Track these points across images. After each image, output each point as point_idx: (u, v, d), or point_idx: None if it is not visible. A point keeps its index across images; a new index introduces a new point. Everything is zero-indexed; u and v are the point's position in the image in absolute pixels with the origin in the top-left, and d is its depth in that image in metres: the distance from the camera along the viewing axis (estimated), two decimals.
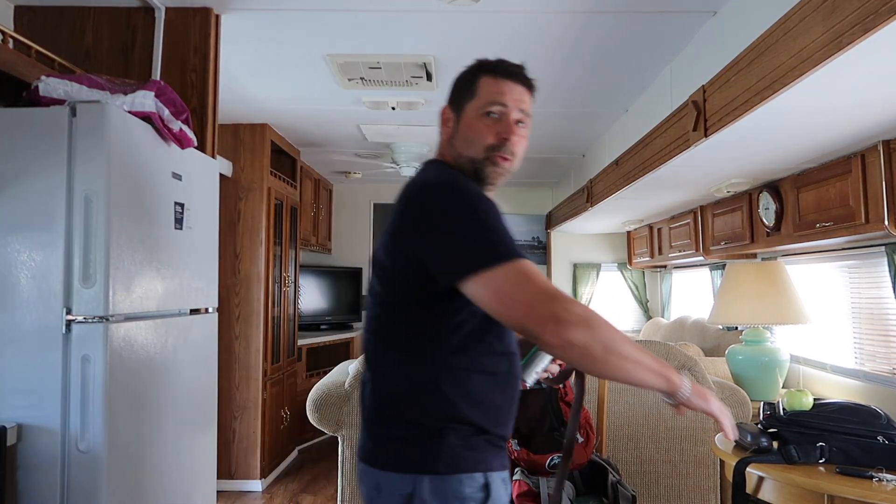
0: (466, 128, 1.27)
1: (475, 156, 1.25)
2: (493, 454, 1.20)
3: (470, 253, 1.08)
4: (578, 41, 2.77)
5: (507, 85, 1.28)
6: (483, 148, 1.25)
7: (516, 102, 1.28)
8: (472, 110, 1.28)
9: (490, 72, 1.30)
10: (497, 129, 1.25)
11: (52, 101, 1.88)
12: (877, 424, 1.95)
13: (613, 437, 2.75)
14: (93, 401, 1.79)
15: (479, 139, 1.25)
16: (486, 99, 1.26)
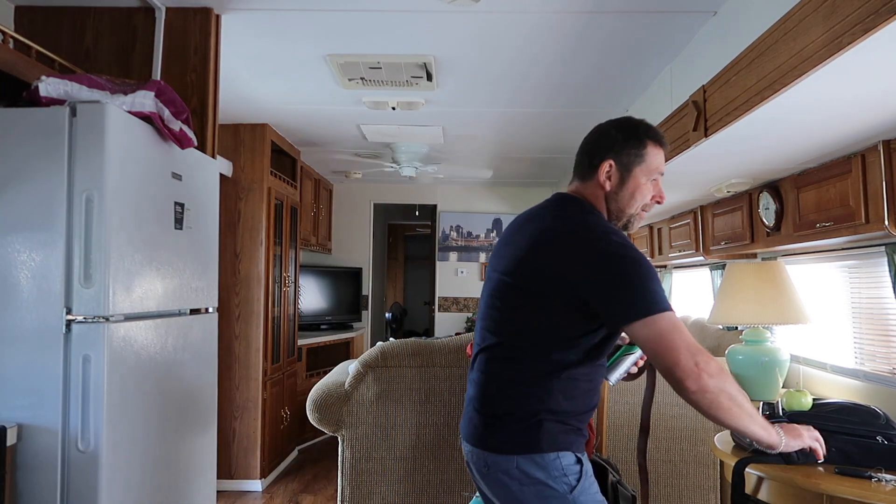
0: (635, 188, 1.53)
1: (633, 211, 1.55)
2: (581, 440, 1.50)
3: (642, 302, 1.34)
4: (578, 41, 2.77)
5: (663, 155, 1.57)
6: (641, 205, 1.55)
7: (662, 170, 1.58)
8: (640, 174, 1.54)
9: (656, 142, 1.56)
10: (654, 192, 1.56)
11: (52, 101, 1.88)
12: (876, 424, 1.95)
13: (613, 437, 2.75)
14: (93, 401, 1.79)
15: (643, 199, 1.54)
16: (654, 167, 1.54)
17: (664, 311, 1.33)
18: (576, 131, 4.27)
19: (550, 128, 4.20)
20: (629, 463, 2.75)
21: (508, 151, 4.91)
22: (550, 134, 4.36)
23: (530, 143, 4.64)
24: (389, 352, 2.57)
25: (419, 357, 2.58)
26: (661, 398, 2.77)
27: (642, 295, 1.34)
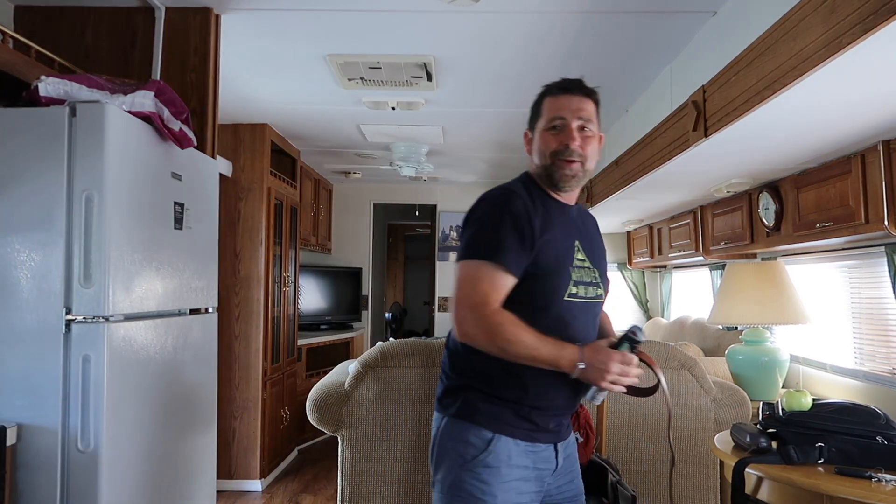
0: (536, 143, 1.53)
1: (544, 163, 1.51)
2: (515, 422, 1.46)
3: (464, 247, 1.45)
4: (578, 41, 2.77)
5: (564, 99, 1.50)
6: (549, 154, 1.49)
7: (574, 112, 1.49)
8: (539, 129, 1.53)
9: (550, 93, 1.53)
10: (560, 138, 1.49)
11: (52, 101, 1.88)
12: (876, 424, 1.95)
13: (613, 437, 2.75)
14: (93, 401, 1.79)
15: (546, 148, 1.50)
16: (550, 115, 1.50)
17: (474, 259, 1.41)
18: None
19: None
20: (629, 463, 2.75)
21: (508, 151, 4.91)
22: None
23: None
24: (389, 352, 2.57)
25: (419, 357, 2.58)
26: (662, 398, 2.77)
27: (468, 240, 1.45)
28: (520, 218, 1.43)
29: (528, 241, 1.43)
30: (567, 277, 1.46)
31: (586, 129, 1.50)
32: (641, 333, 1.43)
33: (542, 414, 1.49)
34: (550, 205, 1.52)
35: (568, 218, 1.55)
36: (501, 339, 1.39)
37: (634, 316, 6.38)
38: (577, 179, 1.50)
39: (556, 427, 1.54)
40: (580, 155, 1.48)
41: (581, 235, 1.55)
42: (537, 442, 1.49)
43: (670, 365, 2.80)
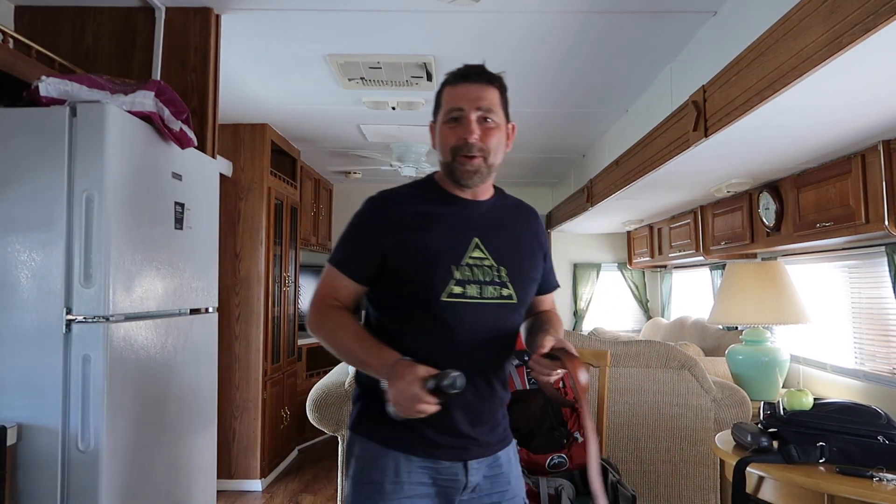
0: (438, 137, 1.42)
1: (445, 160, 1.39)
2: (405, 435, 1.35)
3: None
4: (578, 41, 2.77)
5: (463, 88, 1.39)
6: (449, 151, 1.38)
7: (473, 102, 1.37)
8: (439, 121, 1.42)
9: (448, 82, 1.42)
10: (458, 132, 1.37)
11: (52, 101, 1.88)
12: (877, 424, 1.95)
13: (613, 437, 2.75)
14: (93, 401, 1.79)
15: (445, 144, 1.39)
16: (446, 108, 1.39)
17: (328, 264, 1.46)
18: (576, 131, 4.27)
19: (550, 128, 4.20)
20: (629, 463, 2.75)
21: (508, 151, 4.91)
22: (550, 134, 4.36)
23: (530, 143, 4.64)
24: None
25: None
26: (662, 398, 2.77)
27: (336, 245, 1.47)
28: (370, 221, 1.40)
29: (374, 240, 1.37)
30: (446, 276, 1.33)
31: (488, 119, 1.38)
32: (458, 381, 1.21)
33: (435, 427, 1.33)
34: (439, 200, 1.42)
35: (467, 214, 1.41)
36: (323, 334, 1.40)
37: (635, 316, 6.38)
38: (479, 175, 1.38)
39: (460, 444, 1.37)
40: (481, 149, 1.36)
41: (486, 231, 1.40)
42: (436, 459, 1.35)
43: (670, 365, 2.80)
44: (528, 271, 1.44)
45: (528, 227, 1.50)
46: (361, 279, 1.42)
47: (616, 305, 6.40)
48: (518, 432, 2.08)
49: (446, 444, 1.36)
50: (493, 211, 1.46)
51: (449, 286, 1.34)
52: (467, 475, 1.37)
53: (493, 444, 1.42)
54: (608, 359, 2.41)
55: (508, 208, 1.50)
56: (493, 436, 1.42)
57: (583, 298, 6.29)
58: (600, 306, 6.38)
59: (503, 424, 1.47)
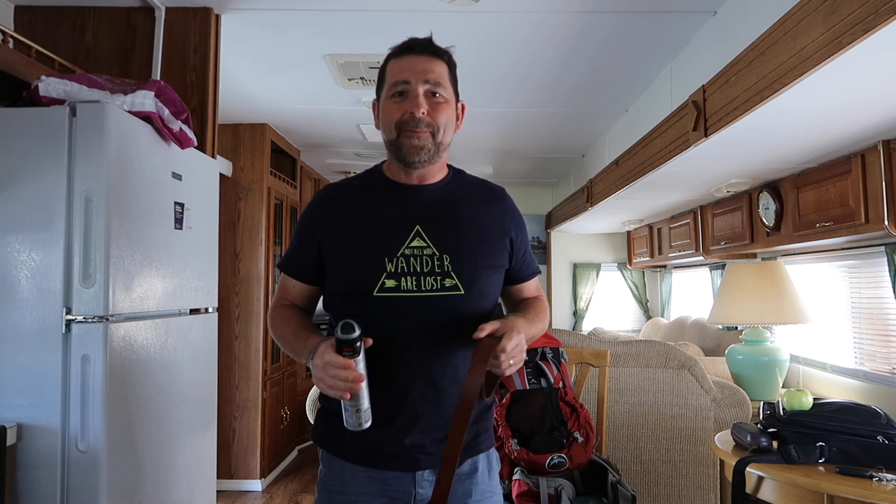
0: (381, 114, 1.30)
1: (390, 137, 1.28)
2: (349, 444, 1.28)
3: None
4: (578, 41, 2.77)
5: (408, 60, 1.27)
6: (393, 126, 1.26)
7: (420, 74, 1.25)
8: (383, 97, 1.30)
9: (393, 55, 1.30)
10: (404, 106, 1.25)
11: (52, 101, 1.88)
12: (877, 424, 1.95)
13: (613, 437, 2.75)
14: (93, 401, 1.79)
15: (389, 119, 1.26)
16: (390, 81, 1.27)
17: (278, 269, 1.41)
18: (576, 131, 4.27)
19: (550, 128, 4.20)
20: (629, 463, 2.75)
21: (508, 151, 4.91)
22: (550, 134, 4.36)
23: (530, 143, 4.64)
24: None
25: None
26: (662, 398, 2.77)
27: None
28: (309, 217, 1.35)
29: (309, 240, 1.32)
30: (378, 269, 1.23)
31: (436, 94, 1.25)
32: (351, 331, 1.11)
33: (379, 435, 1.24)
34: (379, 189, 1.32)
35: (410, 200, 1.30)
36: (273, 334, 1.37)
37: (635, 316, 6.38)
38: (427, 152, 1.25)
39: (405, 453, 1.26)
40: (428, 124, 1.24)
41: (431, 217, 1.28)
42: (381, 468, 1.27)
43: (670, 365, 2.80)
44: (481, 258, 1.29)
45: (487, 210, 1.34)
46: (306, 278, 1.37)
47: (616, 305, 6.40)
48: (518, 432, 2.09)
49: (389, 453, 1.26)
50: (443, 194, 1.32)
51: (381, 280, 1.23)
52: (415, 487, 1.27)
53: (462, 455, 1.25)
54: (608, 359, 2.41)
55: (464, 190, 1.35)
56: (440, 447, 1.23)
57: (583, 298, 6.29)
58: (600, 306, 6.38)
59: (471, 430, 1.28)
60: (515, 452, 2.06)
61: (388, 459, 1.27)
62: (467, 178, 1.39)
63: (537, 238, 6.49)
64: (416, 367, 1.24)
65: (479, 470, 1.33)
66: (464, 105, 1.37)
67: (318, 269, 1.34)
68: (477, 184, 1.39)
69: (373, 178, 1.36)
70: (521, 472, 2.09)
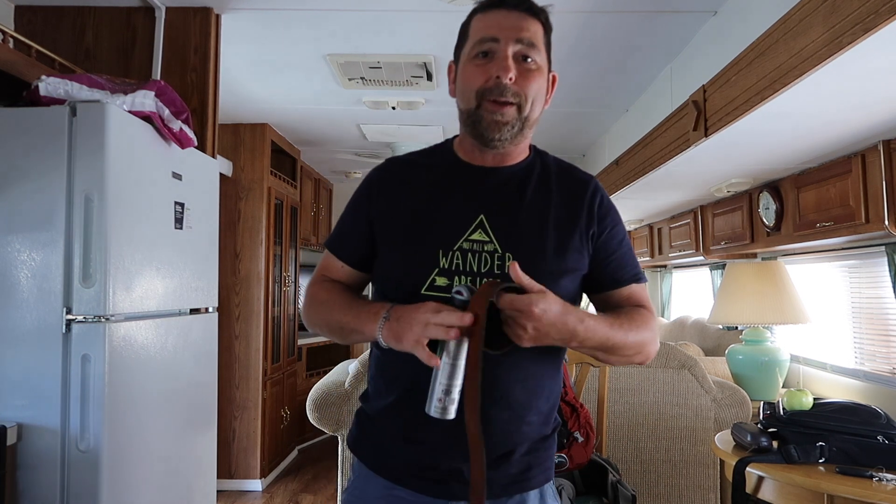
0: (459, 77, 1.12)
1: (468, 107, 1.08)
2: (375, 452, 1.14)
3: None
4: (578, 41, 2.77)
5: (499, 15, 1.07)
6: (473, 94, 1.06)
7: (511, 32, 1.05)
8: (464, 56, 1.11)
9: (479, 9, 1.11)
10: (489, 70, 1.05)
11: (52, 101, 1.88)
12: (877, 424, 1.95)
13: (613, 437, 2.75)
14: (93, 400, 1.79)
15: (469, 85, 1.07)
16: (475, 38, 1.08)
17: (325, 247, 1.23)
18: (576, 131, 4.27)
19: (550, 127, 4.20)
20: (629, 463, 2.75)
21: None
22: (550, 133, 4.36)
23: None
24: None
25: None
26: (662, 398, 2.77)
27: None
28: (363, 193, 1.17)
29: (361, 219, 1.15)
30: (429, 263, 1.05)
31: (529, 58, 1.06)
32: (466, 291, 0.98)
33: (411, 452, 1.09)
34: (446, 170, 1.14)
35: (479, 183, 1.11)
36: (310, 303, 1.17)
37: None
38: (510, 129, 1.06)
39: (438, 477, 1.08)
40: (516, 93, 1.05)
41: (499, 206, 1.09)
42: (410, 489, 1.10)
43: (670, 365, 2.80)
44: (550, 260, 1.08)
45: (569, 201, 1.13)
46: (353, 261, 1.17)
47: None
48: None
49: (420, 475, 1.09)
50: (517, 179, 1.13)
51: (431, 276, 1.05)
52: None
53: (497, 485, 1.07)
54: None
55: (545, 176, 1.14)
56: (494, 474, 1.06)
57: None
58: None
59: (522, 462, 1.10)
60: None
61: (418, 480, 1.09)
62: (550, 161, 1.18)
63: None
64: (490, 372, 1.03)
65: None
66: (556, 76, 1.16)
67: (369, 253, 1.15)
68: (563, 168, 1.18)
69: (442, 155, 1.17)
70: None
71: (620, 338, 1.05)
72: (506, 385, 1.06)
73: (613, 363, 1.11)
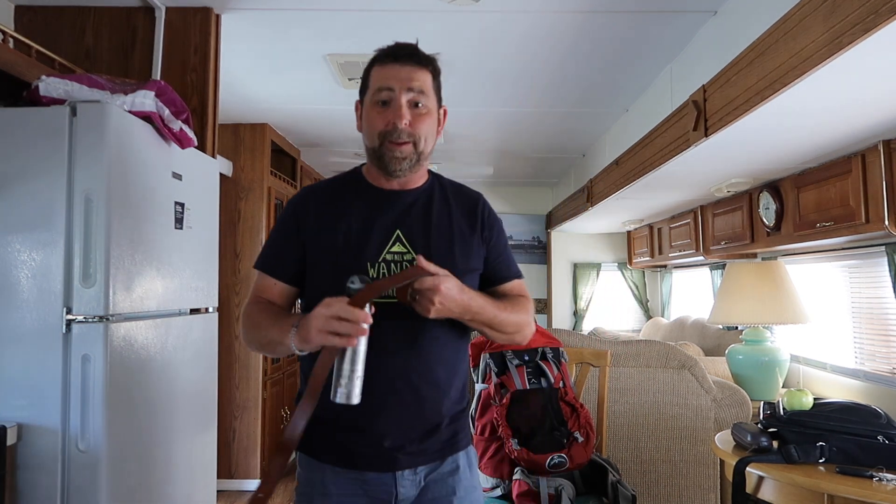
0: (364, 120, 1.34)
1: (372, 145, 1.32)
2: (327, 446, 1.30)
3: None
4: (578, 41, 2.77)
5: (393, 69, 1.29)
6: (376, 136, 1.30)
7: (404, 83, 1.28)
8: (367, 102, 1.33)
9: (377, 60, 1.33)
10: (387, 116, 1.28)
11: (52, 101, 1.88)
12: (877, 424, 1.95)
13: (613, 437, 2.75)
14: (93, 401, 1.79)
15: (372, 128, 1.30)
16: (374, 87, 1.30)
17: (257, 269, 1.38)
18: (576, 131, 4.27)
19: (550, 127, 4.20)
20: (629, 463, 2.75)
21: (508, 151, 4.91)
22: (550, 133, 4.36)
23: (530, 143, 4.64)
24: None
25: None
26: (662, 398, 2.77)
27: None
28: (288, 214, 1.35)
29: (291, 234, 1.33)
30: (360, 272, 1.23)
31: (419, 104, 1.28)
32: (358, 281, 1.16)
33: (358, 438, 1.28)
34: (360, 193, 1.36)
35: (390, 205, 1.33)
36: (243, 323, 1.33)
37: (635, 315, 6.38)
38: (408, 162, 1.29)
39: (384, 454, 1.27)
40: (410, 135, 1.27)
41: (411, 223, 1.32)
42: (361, 469, 1.28)
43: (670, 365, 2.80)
44: (459, 262, 1.30)
45: (465, 214, 1.38)
46: (286, 278, 1.34)
47: (616, 305, 6.40)
48: (518, 432, 2.09)
49: (369, 455, 1.28)
50: (422, 199, 1.36)
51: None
52: (396, 487, 1.29)
53: (432, 451, 1.31)
54: (608, 359, 2.41)
55: (442, 195, 1.39)
56: (430, 443, 1.30)
57: (583, 298, 6.29)
58: (600, 306, 6.39)
59: (449, 430, 1.33)
60: (516, 452, 2.06)
61: (368, 461, 1.28)
62: (446, 182, 1.43)
63: (537, 238, 6.49)
64: (394, 371, 1.26)
65: (461, 467, 1.35)
66: (446, 110, 1.39)
67: (300, 267, 1.33)
68: (455, 188, 1.42)
69: (355, 182, 1.39)
70: (521, 471, 2.09)
71: (504, 317, 1.29)
72: (433, 368, 1.29)
73: (497, 339, 1.35)
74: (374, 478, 1.29)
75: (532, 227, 6.49)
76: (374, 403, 1.23)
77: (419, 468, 1.30)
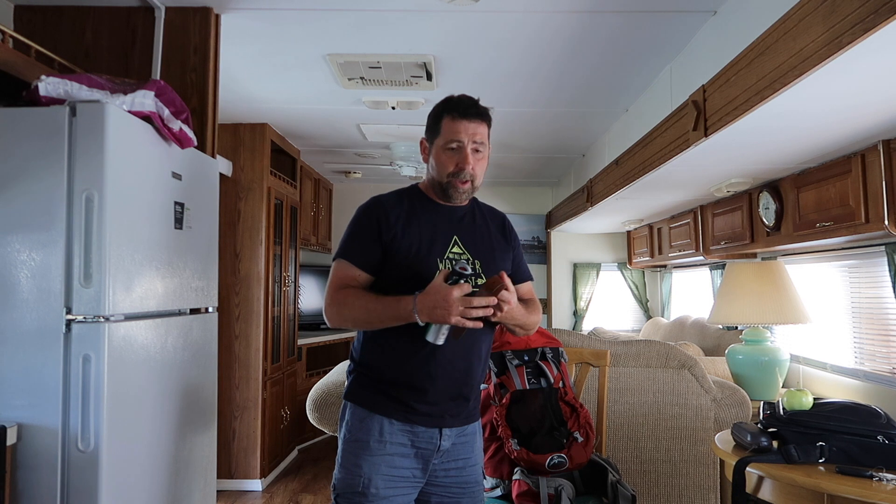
0: (435, 159, 1.67)
1: (441, 180, 1.66)
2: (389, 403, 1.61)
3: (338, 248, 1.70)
4: (578, 41, 2.77)
5: (462, 124, 1.64)
6: (446, 174, 1.65)
7: (470, 136, 1.64)
8: (437, 146, 1.67)
9: (449, 113, 1.66)
10: (456, 160, 1.64)
11: (51, 101, 1.88)
12: (877, 424, 1.95)
13: (613, 437, 2.75)
14: (93, 400, 1.79)
15: (443, 168, 1.65)
16: (446, 138, 1.65)
17: (337, 258, 1.66)
18: (576, 131, 4.27)
19: (550, 127, 4.20)
20: (629, 463, 2.75)
21: (508, 151, 4.91)
22: (550, 133, 4.36)
23: (530, 143, 4.64)
24: None
25: None
26: (661, 398, 2.77)
27: (341, 242, 1.69)
28: (370, 218, 1.64)
29: (375, 235, 1.62)
30: (434, 266, 1.60)
31: (479, 151, 1.66)
32: (469, 266, 1.56)
33: (416, 398, 1.60)
34: (424, 206, 1.69)
35: (448, 217, 1.70)
36: (341, 305, 1.60)
37: (635, 315, 6.38)
38: (467, 195, 1.69)
39: (437, 412, 1.61)
40: (471, 175, 1.65)
41: (463, 231, 1.70)
42: (414, 424, 1.60)
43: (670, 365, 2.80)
44: (500, 262, 1.71)
45: (497, 229, 1.79)
46: (368, 268, 1.63)
47: (616, 305, 6.40)
48: (518, 432, 2.09)
49: (424, 413, 1.60)
50: (469, 215, 1.74)
51: (436, 272, 1.55)
52: (440, 440, 1.62)
53: (464, 417, 1.67)
54: (608, 359, 2.41)
55: (481, 213, 1.79)
56: (465, 410, 1.67)
57: (583, 298, 6.29)
58: (600, 306, 6.39)
59: (474, 402, 1.71)
60: (515, 452, 2.06)
61: (423, 418, 1.60)
62: (482, 204, 1.82)
63: (537, 238, 6.49)
64: (453, 352, 1.59)
65: (477, 433, 1.74)
66: (490, 147, 1.75)
67: (381, 261, 1.62)
68: (489, 209, 1.83)
69: (417, 196, 1.72)
70: (521, 471, 2.09)
71: (528, 319, 1.69)
72: (478, 353, 1.68)
73: (519, 335, 1.75)
74: (424, 431, 1.60)
75: (532, 227, 6.49)
76: (435, 373, 1.59)
77: (454, 428, 1.65)
